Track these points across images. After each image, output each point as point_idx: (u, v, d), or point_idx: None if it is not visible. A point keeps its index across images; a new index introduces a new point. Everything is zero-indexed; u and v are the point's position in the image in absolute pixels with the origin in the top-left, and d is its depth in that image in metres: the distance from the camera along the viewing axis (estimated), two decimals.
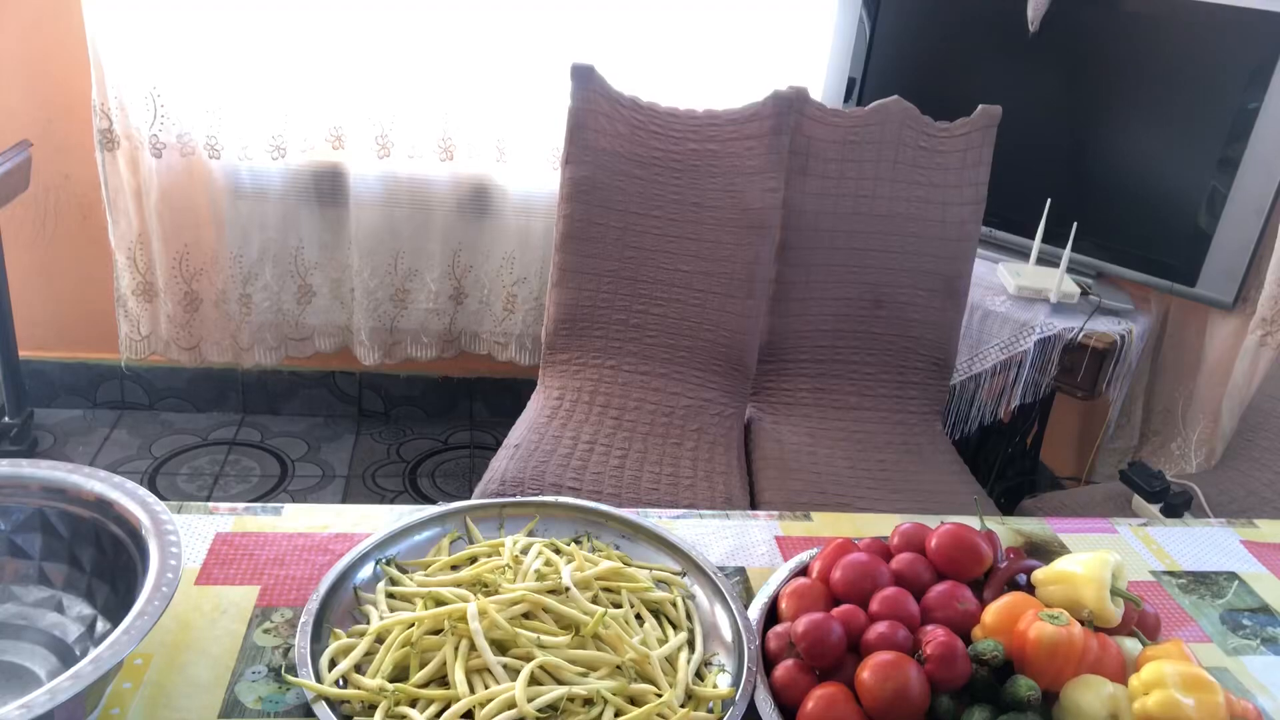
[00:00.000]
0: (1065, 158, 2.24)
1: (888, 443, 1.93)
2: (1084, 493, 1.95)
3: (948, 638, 0.83)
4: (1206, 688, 0.78)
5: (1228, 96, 1.96)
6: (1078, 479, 2.54)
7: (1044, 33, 2.15)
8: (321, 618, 0.87)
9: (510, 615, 0.86)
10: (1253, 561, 1.18)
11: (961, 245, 1.97)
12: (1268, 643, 1.04)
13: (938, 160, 1.97)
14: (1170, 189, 2.07)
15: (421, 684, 0.81)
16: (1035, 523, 1.21)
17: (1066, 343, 2.06)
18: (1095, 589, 0.87)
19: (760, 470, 1.81)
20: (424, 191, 2.47)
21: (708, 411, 1.92)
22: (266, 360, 2.59)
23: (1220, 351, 2.12)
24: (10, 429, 2.49)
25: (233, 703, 0.83)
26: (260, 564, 0.99)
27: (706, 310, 1.95)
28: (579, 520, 1.06)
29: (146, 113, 2.28)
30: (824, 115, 1.95)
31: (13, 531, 0.89)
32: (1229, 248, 1.99)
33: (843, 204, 1.95)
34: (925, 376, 2.03)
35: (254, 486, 2.51)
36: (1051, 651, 0.81)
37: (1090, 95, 2.15)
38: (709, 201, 1.93)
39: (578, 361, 1.98)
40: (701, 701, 0.84)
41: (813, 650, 0.85)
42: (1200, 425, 2.17)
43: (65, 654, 0.86)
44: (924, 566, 0.95)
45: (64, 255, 2.53)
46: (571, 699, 0.80)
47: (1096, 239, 2.17)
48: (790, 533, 1.14)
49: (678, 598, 0.95)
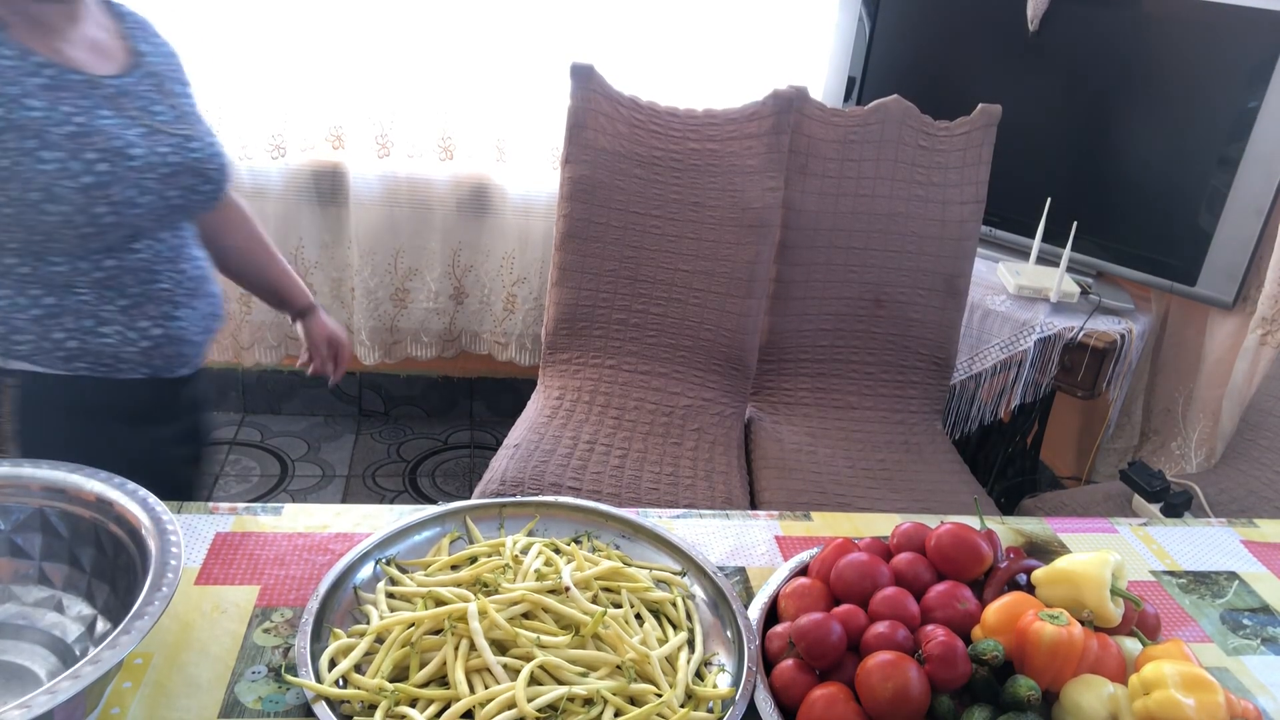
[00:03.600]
0: (1065, 157, 2.24)
1: (888, 442, 1.93)
2: (1084, 492, 1.95)
3: (948, 638, 0.83)
4: (1207, 688, 0.78)
5: (1228, 96, 1.96)
6: (1078, 479, 2.54)
7: (1044, 32, 2.15)
8: (321, 618, 0.87)
9: (510, 615, 0.86)
10: (1253, 561, 1.18)
11: (961, 244, 1.97)
12: (1268, 642, 1.04)
13: (938, 159, 1.97)
14: (1170, 188, 2.07)
15: (421, 684, 0.81)
16: (1035, 522, 1.21)
17: (1066, 342, 2.06)
18: (1095, 589, 0.87)
19: (760, 470, 1.81)
20: (424, 191, 2.47)
21: (708, 411, 1.92)
22: (267, 359, 2.59)
23: (1220, 351, 2.12)
24: None
25: (233, 702, 0.83)
26: (260, 564, 0.99)
27: (706, 310, 1.95)
28: (579, 520, 1.06)
29: None
30: (824, 114, 1.94)
31: (13, 531, 0.89)
32: (1229, 247, 1.99)
33: (842, 203, 1.95)
34: (925, 376, 2.03)
35: (254, 486, 2.51)
36: (1052, 651, 0.81)
37: (1090, 95, 2.15)
38: (709, 201, 1.93)
39: (578, 361, 1.98)
40: (701, 701, 0.84)
41: (813, 650, 0.85)
42: (1200, 425, 2.17)
43: (65, 654, 0.86)
44: (924, 566, 0.95)
45: None
46: (571, 699, 0.80)
47: (1096, 238, 2.17)
48: (790, 533, 1.14)
49: (678, 598, 0.95)
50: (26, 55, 1.10)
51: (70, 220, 1.10)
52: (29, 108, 1.08)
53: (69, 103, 1.10)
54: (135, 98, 1.18)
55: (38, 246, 1.12)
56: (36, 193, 1.08)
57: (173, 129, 1.20)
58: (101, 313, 1.17)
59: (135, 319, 1.20)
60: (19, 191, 1.07)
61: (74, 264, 1.14)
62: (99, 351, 1.18)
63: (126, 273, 1.18)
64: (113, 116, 1.14)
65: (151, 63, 1.24)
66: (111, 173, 1.11)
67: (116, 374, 1.21)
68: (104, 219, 1.12)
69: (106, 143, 1.11)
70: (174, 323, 1.24)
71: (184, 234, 1.26)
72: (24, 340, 1.15)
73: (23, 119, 1.07)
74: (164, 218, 1.20)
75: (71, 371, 1.18)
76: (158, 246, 1.21)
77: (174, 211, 1.21)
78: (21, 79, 1.09)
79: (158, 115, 1.19)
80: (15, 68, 1.09)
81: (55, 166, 1.08)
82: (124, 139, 1.13)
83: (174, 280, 1.23)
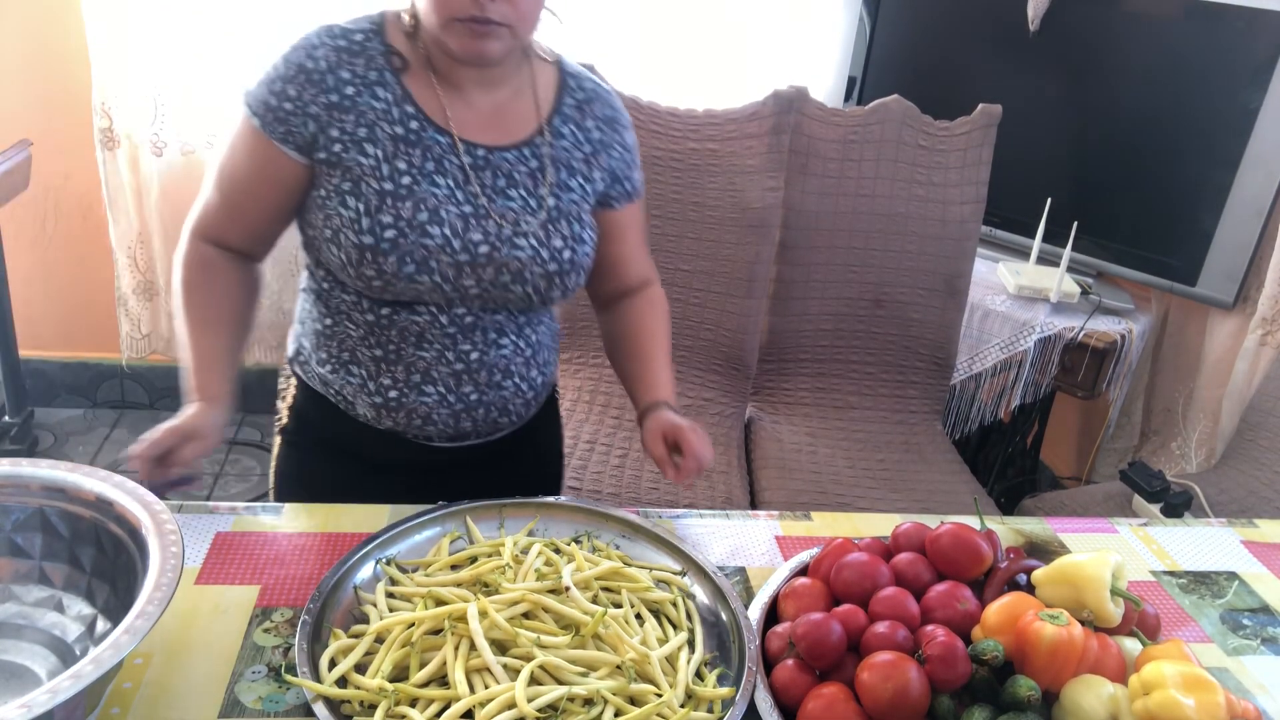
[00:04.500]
0: (1065, 157, 2.24)
1: (888, 443, 1.93)
2: (1084, 492, 1.95)
3: (948, 638, 0.83)
4: (1206, 688, 0.78)
5: (1228, 96, 1.96)
6: (1078, 479, 2.54)
7: (1044, 32, 2.15)
8: (321, 618, 0.87)
9: (510, 615, 0.86)
10: (1253, 561, 1.18)
11: (962, 245, 1.97)
12: (1268, 643, 1.04)
13: (938, 159, 1.97)
14: (1170, 189, 2.07)
15: (421, 684, 0.81)
16: (1035, 522, 1.21)
17: (1067, 342, 2.06)
18: (1095, 589, 0.87)
19: (760, 470, 1.81)
20: None
21: (708, 411, 1.92)
22: (267, 359, 2.58)
23: (1220, 351, 2.12)
24: (10, 428, 2.49)
25: (233, 702, 0.82)
26: (260, 564, 0.99)
27: (707, 310, 1.95)
28: (579, 520, 1.06)
29: (146, 112, 2.28)
30: (824, 114, 1.94)
31: (13, 531, 0.89)
32: (1229, 247, 1.99)
33: (843, 203, 1.95)
34: (925, 376, 2.03)
35: (254, 486, 2.51)
36: (1052, 651, 0.81)
37: (1090, 95, 2.15)
38: (709, 201, 1.93)
39: (578, 361, 1.98)
40: (701, 701, 0.84)
41: (813, 650, 0.85)
42: (1200, 425, 2.17)
43: (65, 654, 0.86)
44: (924, 566, 0.95)
45: (64, 254, 2.53)
46: (571, 699, 0.80)
47: (1097, 239, 2.17)
48: (790, 533, 1.14)
49: (678, 598, 0.95)
50: (407, 107, 1.03)
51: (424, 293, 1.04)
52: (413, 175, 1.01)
53: (416, 166, 1.02)
54: (498, 175, 1.06)
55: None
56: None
57: (512, 219, 1.06)
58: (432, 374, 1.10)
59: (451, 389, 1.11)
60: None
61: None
62: (412, 409, 1.11)
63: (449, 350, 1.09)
64: (446, 191, 1.03)
65: (559, 144, 1.10)
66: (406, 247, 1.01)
67: (415, 432, 1.14)
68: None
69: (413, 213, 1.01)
70: (491, 393, 1.14)
71: (504, 320, 1.12)
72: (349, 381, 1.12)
73: (407, 190, 1.01)
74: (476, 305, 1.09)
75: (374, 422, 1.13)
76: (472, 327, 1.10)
77: (483, 300, 1.08)
78: (394, 129, 1.02)
79: (509, 202, 1.06)
80: (390, 115, 1.02)
81: (435, 242, 1.01)
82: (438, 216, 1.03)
83: (483, 361, 1.11)
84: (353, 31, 1.05)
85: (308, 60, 1.02)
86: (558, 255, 1.08)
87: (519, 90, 1.11)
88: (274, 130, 1.02)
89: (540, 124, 1.10)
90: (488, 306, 1.09)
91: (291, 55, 1.03)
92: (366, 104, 1.02)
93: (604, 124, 1.15)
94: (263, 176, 1.04)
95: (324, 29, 1.05)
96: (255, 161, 1.04)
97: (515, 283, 1.07)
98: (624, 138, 1.17)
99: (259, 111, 1.03)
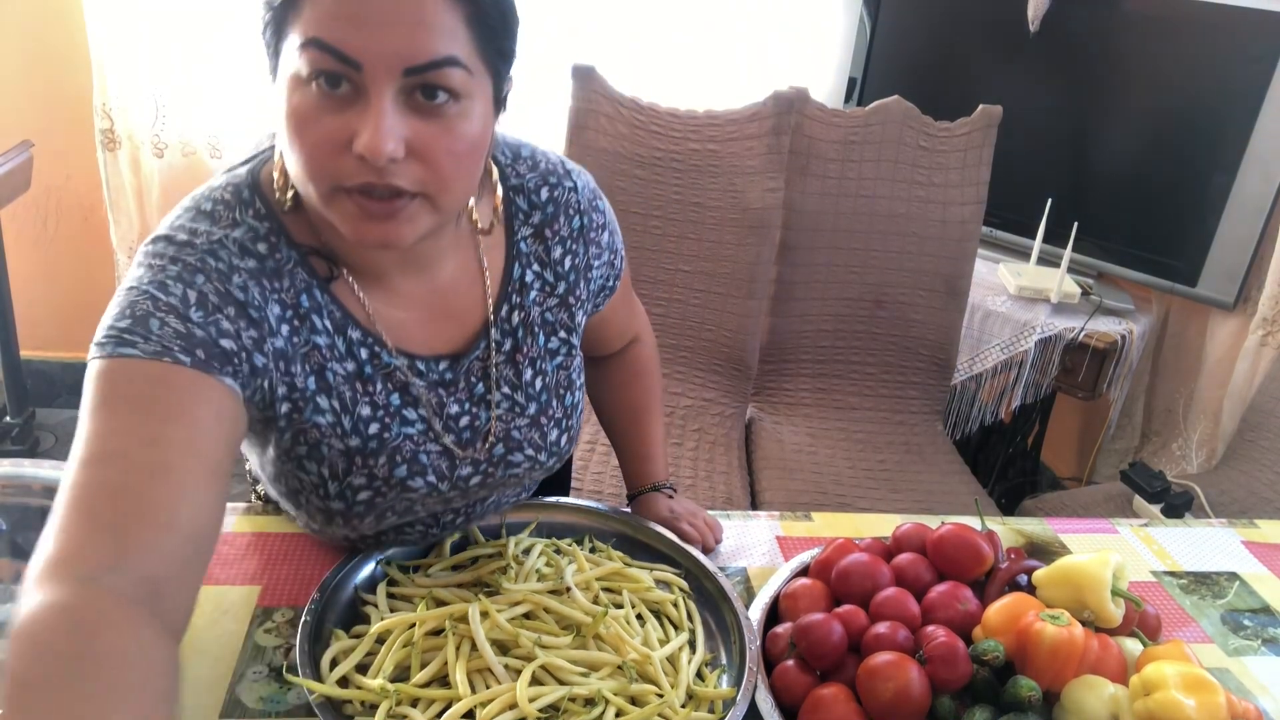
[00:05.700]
0: (1065, 158, 2.24)
1: (888, 443, 1.93)
2: (1085, 493, 1.95)
3: (948, 638, 0.83)
4: (1207, 688, 0.78)
5: (1228, 96, 1.96)
6: (1078, 479, 2.54)
7: (1044, 33, 2.15)
8: (322, 618, 0.87)
9: (512, 616, 0.86)
10: (1254, 562, 1.18)
11: (962, 245, 1.97)
12: (1269, 643, 1.04)
13: (938, 160, 1.97)
14: (1170, 189, 2.07)
15: (423, 684, 0.81)
16: (1036, 523, 1.21)
17: (1067, 343, 2.06)
18: (1096, 589, 0.87)
19: (761, 470, 1.81)
20: None
21: (708, 412, 1.92)
22: None
23: (1221, 352, 2.12)
24: (12, 429, 2.49)
25: (233, 703, 0.82)
26: (260, 564, 0.99)
27: (707, 310, 1.95)
28: (580, 520, 1.06)
29: (148, 113, 2.28)
30: (824, 115, 1.94)
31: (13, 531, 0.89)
32: (1229, 248, 1.99)
33: (843, 204, 1.95)
34: (926, 377, 2.03)
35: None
36: (1052, 652, 0.81)
37: (1090, 95, 2.15)
38: (709, 201, 1.93)
39: None
40: (702, 702, 0.84)
41: (814, 650, 0.85)
42: (1201, 425, 2.17)
43: None
44: (924, 567, 0.95)
45: (66, 255, 2.54)
46: (573, 699, 0.80)
47: (1097, 239, 2.17)
48: (790, 533, 1.14)
49: (679, 598, 0.95)
50: (351, 333, 0.81)
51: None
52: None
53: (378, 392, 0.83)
54: (472, 380, 0.88)
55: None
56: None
57: (500, 432, 0.90)
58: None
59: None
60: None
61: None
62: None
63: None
64: (421, 427, 0.85)
65: (529, 301, 0.90)
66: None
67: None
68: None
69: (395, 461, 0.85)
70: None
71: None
72: None
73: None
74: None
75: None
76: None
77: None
78: (335, 365, 0.80)
79: (494, 410, 0.89)
80: (332, 349, 0.80)
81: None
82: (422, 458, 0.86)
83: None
84: (252, 239, 0.76)
85: (237, 292, 0.74)
86: (555, 446, 0.94)
87: (463, 261, 0.86)
88: (210, 367, 0.72)
89: (493, 300, 0.88)
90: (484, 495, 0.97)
91: (202, 284, 0.73)
92: (308, 343, 0.79)
93: (574, 241, 0.92)
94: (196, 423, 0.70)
95: (214, 242, 0.75)
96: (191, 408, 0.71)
97: (511, 485, 0.96)
98: (599, 241, 0.94)
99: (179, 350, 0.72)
